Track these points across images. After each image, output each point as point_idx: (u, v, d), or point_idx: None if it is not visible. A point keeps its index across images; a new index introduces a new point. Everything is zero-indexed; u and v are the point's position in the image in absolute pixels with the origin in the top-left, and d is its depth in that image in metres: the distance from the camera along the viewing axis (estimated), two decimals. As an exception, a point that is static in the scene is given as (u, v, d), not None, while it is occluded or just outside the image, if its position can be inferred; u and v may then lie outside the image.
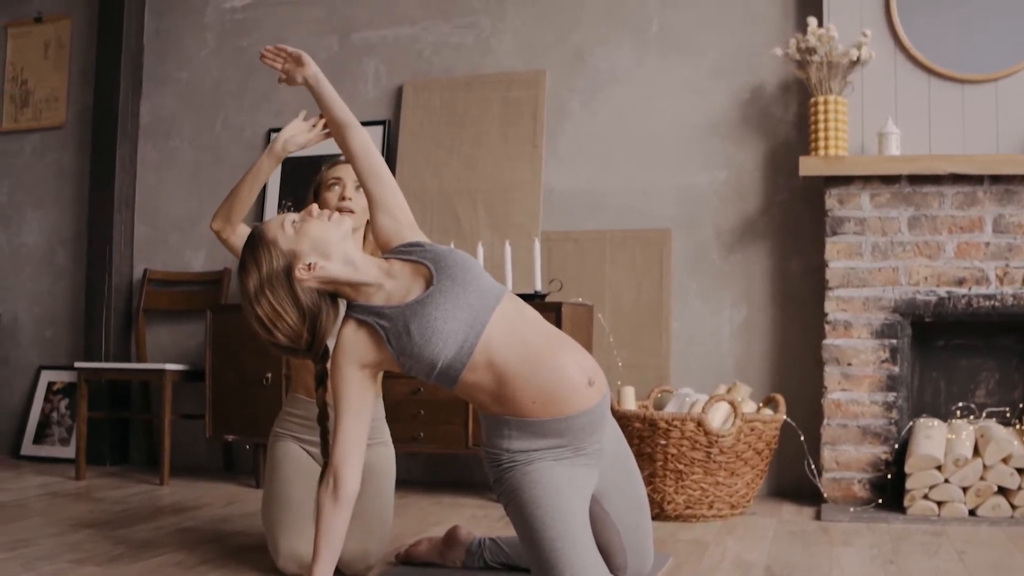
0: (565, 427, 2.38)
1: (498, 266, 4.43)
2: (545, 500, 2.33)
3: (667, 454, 3.74)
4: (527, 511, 2.35)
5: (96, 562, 3.00)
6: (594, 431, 2.43)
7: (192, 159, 5.35)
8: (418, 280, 2.40)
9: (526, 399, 2.35)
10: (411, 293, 2.38)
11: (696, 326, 4.51)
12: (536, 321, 2.43)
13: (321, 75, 2.66)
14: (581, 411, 2.38)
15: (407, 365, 2.38)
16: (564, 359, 2.37)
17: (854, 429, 4.04)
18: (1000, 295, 3.98)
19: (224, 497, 4.30)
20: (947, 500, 3.74)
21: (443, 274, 2.37)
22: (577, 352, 2.42)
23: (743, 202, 4.49)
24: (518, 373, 2.34)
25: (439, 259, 2.41)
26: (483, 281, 2.41)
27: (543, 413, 2.36)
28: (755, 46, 4.50)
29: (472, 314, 2.34)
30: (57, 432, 5.40)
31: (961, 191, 4.03)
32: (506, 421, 2.39)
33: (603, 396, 2.44)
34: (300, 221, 2.41)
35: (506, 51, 4.85)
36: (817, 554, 3.16)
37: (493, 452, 2.43)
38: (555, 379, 2.35)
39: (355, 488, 2.37)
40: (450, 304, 2.34)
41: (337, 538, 2.37)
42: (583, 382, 2.38)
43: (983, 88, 4.15)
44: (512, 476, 2.39)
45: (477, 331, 2.33)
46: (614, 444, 2.53)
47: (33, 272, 5.62)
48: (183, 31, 5.40)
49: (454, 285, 2.36)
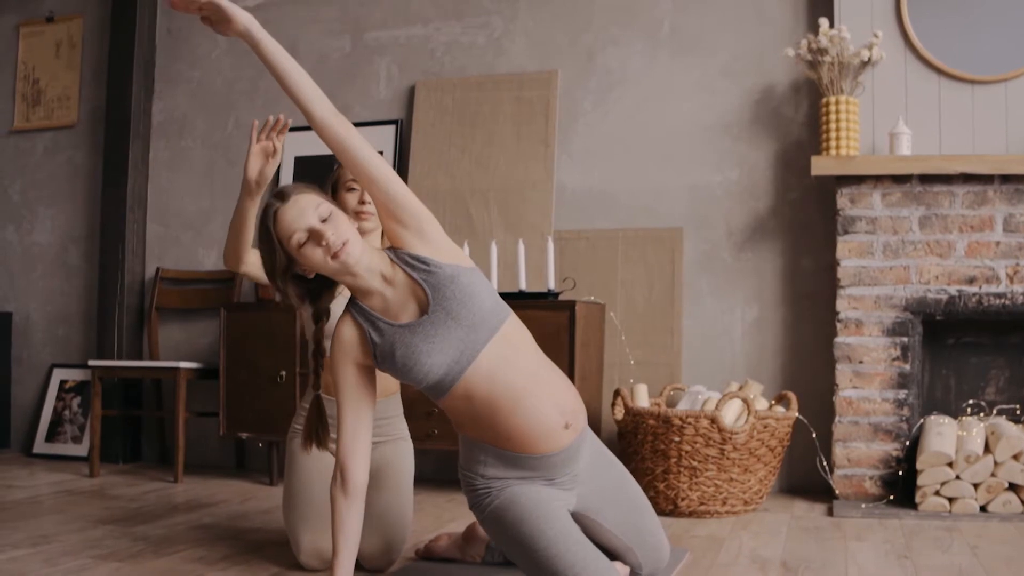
0: (538, 463, 2.42)
1: (511, 265, 4.47)
2: (528, 514, 2.37)
3: (681, 451, 3.77)
4: (513, 531, 2.39)
5: (118, 558, 3.03)
6: (567, 466, 2.46)
7: (204, 158, 5.38)
8: (413, 301, 2.37)
9: (500, 435, 2.39)
10: (405, 312, 2.37)
11: (708, 324, 4.54)
12: (526, 356, 2.41)
13: (256, 28, 2.26)
14: (554, 451, 2.41)
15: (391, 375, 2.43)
16: (543, 403, 2.37)
17: (865, 426, 4.08)
18: (1010, 293, 4.01)
19: (239, 494, 4.32)
20: (958, 496, 3.77)
21: (438, 305, 2.34)
22: (559, 392, 2.42)
23: (754, 201, 4.52)
24: (496, 411, 2.36)
25: (439, 288, 2.34)
26: (480, 313, 2.35)
27: (517, 449, 2.40)
28: (766, 47, 4.53)
29: (459, 350, 2.34)
30: (69, 430, 5.43)
31: (972, 191, 4.06)
32: (482, 447, 2.43)
33: (579, 435, 2.46)
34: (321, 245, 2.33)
35: (518, 51, 4.88)
36: (831, 549, 3.20)
37: (468, 475, 2.47)
38: (530, 422, 2.36)
39: (363, 479, 2.42)
40: (439, 338, 2.33)
41: (353, 530, 2.42)
42: (559, 425, 2.40)
43: (993, 89, 4.18)
44: (490, 504, 2.43)
45: (462, 367, 2.34)
46: (591, 466, 2.54)
47: (45, 271, 5.65)
48: (195, 30, 5.42)
49: (447, 319, 2.33)
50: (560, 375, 2.49)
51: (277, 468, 4.62)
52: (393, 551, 2.89)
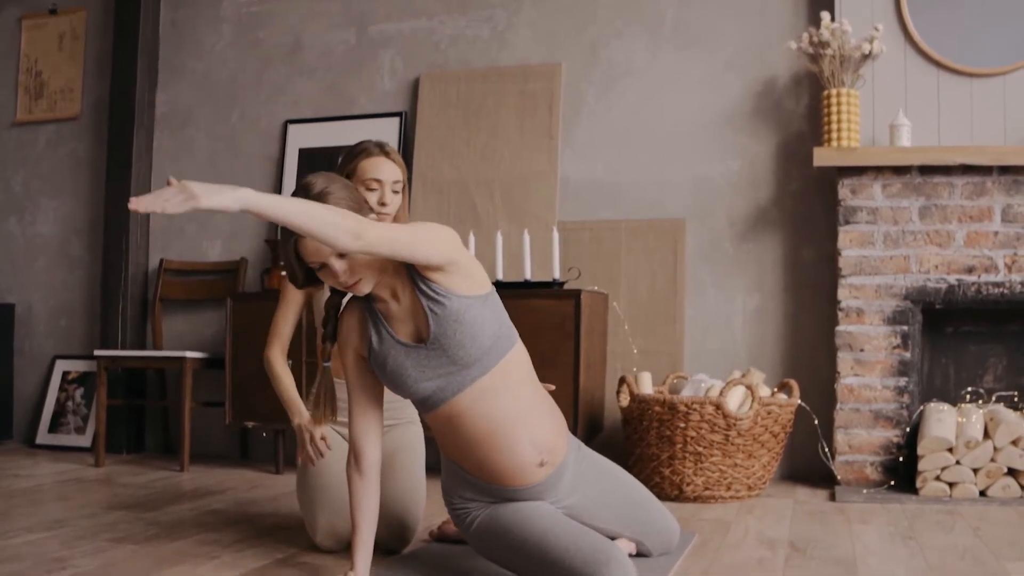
0: (511, 495, 2.44)
1: (516, 255, 4.51)
2: (512, 522, 2.39)
3: (686, 437, 3.82)
4: (502, 541, 2.41)
5: (134, 541, 3.06)
6: (542, 496, 2.47)
7: (208, 149, 5.41)
8: (413, 324, 2.37)
9: (474, 463, 2.42)
10: (403, 329, 2.38)
11: (710, 314, 4.59)
12: (516, 389, 2.39)
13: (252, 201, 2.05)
14: (527, 486, 2.44)
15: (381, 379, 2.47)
16: (520, 440, 2.37)
17: (866, 413, 4.14)
18: (1008, 283, 4.08)
19: (246, 482, 4.36)
20: (958, 481, 3.83)
21: (437, 342, 2.33)
22: (539, 429, 2.42)
23: (756, 192, 4.58)
24: (472, 442, 2.38)
25: (442, 324, 2.31)
26: (477, 353, 2.33)
27: (488, 479, 2.43)
28: (768, 40, 4.59)
29: (447, 382, 2.35)
30: (72, 421, 5.45)
31: (971, 181, 4.12)
32: (459, 471, 2.47)
33: (555, 469, 2.46)
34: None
35: (522, 44, 4.92)
36: (837, 531, 3.25)
37: (449, 496, 2.53)
38: (502, 456, 2.38)
39: (376, 458, 2.48)
40: (430, 369, 2.35)
41: (370, 509, 2.47)
42: (534, 463, 2.41)
43: (991, 82, 4.24)
44: (473, 522, 2.47)
45: (446, 396, 2.36)
46: (574, 488, 2.54)
47: (48, 262, 5.68)
48: (199, 23, 5.46)
49: (443, 355, 2.33)
50: (548, 408, 2.47)
51: (284, 457, 4.65)
52: (407, 533, 2.92)
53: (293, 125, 5.22)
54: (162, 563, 2.77)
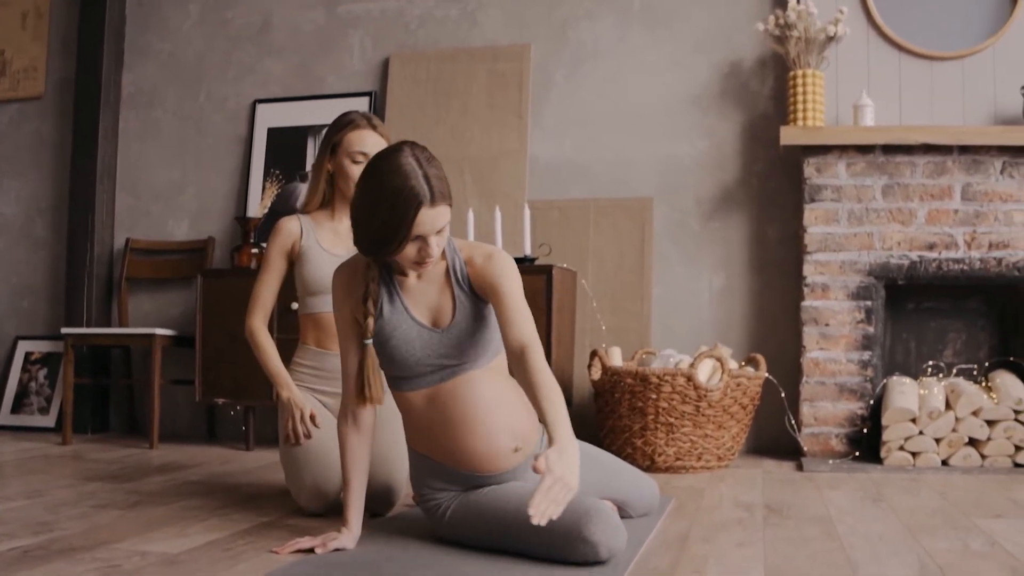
0: (483, 480, 2.47)
1: (488, 233, 4.56)
2: (488, 501, 2.40)
3: (658, 408, 3.89)
4: (481, 522, 2.40)
5: (118, 507, 3.06)
6: (511, 480, 2.49)
7: (175, 129, 5.39)
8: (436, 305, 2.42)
9: (448, 451, 2.44)
10: (418, 307, 2.43)
11: (677, 291, 4.67)
12: (497, 377, 2.45)
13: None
14: (499, 472, 2.46)
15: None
16: (498, 427, 2.41)
17: (831, 386, 4.24)
18: (968, 259, 4.20)
19: (217, 458, 4.36)
20: (921, 451, 3.94)
21: (454, 333, 2.39)
22: (515, 417, 2.45)
23: (722, 172, 4.67)
24: (449, 424, 2.41)
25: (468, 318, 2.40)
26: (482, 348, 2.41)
27: (461, 466, 2.45)
28: (736, 22, 4.67)
29: (444, 369, 2.41)
30: (36, 402, 5.41)
31: (932, 161, 4.24)
32: (427, 462, 2.49)
33: (527, 458, 2.48)
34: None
35: (492, 25, 4.97)
36: (809, 496, 3.34)
37: (418, 489, 2.54)
38: (481, 444, 2.40)
39: (372, 415, 2.51)
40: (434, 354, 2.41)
41: (363, 466, 2.51)
42: (508, 449, 2.43)
43: (950, 64, 4.37)
44: (444, 513, 2.48)
45: (435, 381, 2.41)
46: None
47: (10, 242, 5.62)
48: (166, 2, 5.44)
49: (453, 345, 2.40)
50: (520, 396, 2.48)
51: (253, 434, 4.66)
52: (392, 496, 2.96)
53: (262, 105, 5.22)
54: (151, 525, 2.78)
